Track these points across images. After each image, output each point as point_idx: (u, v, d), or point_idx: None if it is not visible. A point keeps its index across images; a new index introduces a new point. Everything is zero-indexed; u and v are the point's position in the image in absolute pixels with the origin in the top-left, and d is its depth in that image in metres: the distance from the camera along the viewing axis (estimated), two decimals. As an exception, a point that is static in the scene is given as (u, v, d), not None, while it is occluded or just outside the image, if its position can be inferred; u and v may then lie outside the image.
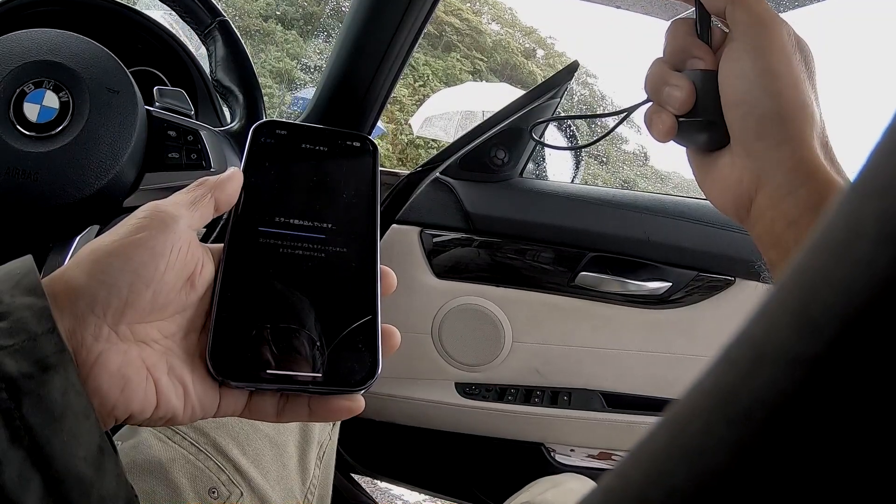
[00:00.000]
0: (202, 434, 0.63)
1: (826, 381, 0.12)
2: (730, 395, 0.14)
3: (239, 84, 0.74)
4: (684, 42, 0.44)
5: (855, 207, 0.14)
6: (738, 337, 0.15)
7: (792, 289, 0.15)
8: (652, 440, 0.16)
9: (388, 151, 5.17)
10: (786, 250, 0.39)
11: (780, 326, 0.14)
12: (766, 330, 0.15)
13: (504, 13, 7.54)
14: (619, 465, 0.17)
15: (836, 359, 0.12)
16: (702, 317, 1.09)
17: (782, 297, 0.15)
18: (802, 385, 0.13)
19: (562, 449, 1.21)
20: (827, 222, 0.15)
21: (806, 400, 0.13)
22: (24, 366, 0.27)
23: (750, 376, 0.14)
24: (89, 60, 0.58)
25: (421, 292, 1.11)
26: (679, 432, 0.15)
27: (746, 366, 0.14)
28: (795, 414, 0.13)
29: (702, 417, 0.15)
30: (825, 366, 0.13)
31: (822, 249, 0.14)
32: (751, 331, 0.15)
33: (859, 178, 0.15)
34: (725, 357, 0.15)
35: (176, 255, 0.35)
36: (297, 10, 5.85)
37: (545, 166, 1.22)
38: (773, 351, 0.14)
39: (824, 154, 0.40)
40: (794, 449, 0.13)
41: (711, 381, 0.15)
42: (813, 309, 0.13)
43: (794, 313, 0.14)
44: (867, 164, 0.15)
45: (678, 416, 0.16)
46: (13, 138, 0.54)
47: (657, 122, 0.44)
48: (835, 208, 0.15)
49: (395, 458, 1.30)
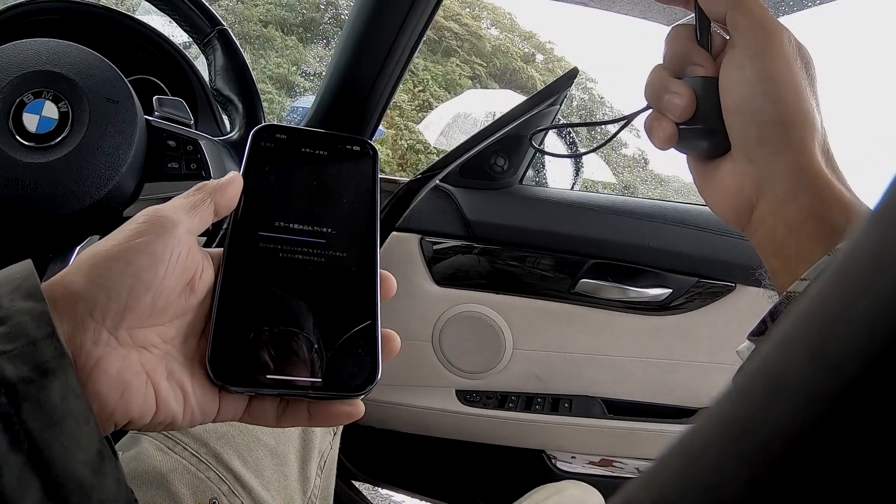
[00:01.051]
0: (203, 444, 0.63)
1: (845, 420, 0.12)
2: (745, 429, 0.14)
3: (238, 93, 0.74)
4: (684, 48, 0.44)
5: (877, 239, 0.14)
6: (755, 369, 0.15)
7: (811, 322, 0.14)
8: (662, 468, 0.16)
9: (388, 157, 5.17)
10: (787, 257, 0.39)
11: (798, 361, 0.14)
12: (783, 363, 0.14)
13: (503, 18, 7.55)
14: (627, 489, 0.17)
15: (855, 397, 0.12)
16: (702, 323, 1.09)
17: (800, 330, 0.14)
18: (820, 423, 0.12)
19: (563, 456, 1.21)
20: (848, 253, 0.14)
21: (823, 438, 0.12)
22: (24, 370, 0.27)
23: (766, 411, 0.14)
24: (88, 70, 0.58)
25: (421, 300, 1.11)
26: (691, 463, 0.15)
27: (763, 400, 0.14)
28: (812, 452, 0.12)
29: (715, 450, 0.14)
30: (844, 404, 0.12)
31: (843, 282, 0.14)
32: (768, 363, 0.15)
33: (881, 206, 0.14)
34: (741, 389, 0.15)
35: (175, 260, 0.35)
36: (296, 16, 5.86)
37: (545, 173, 1.22)
38: (791, 386, 0.14)
39: (825, 161, 0.40)
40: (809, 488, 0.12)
41: (727, 412, 0.15)
42: (833, 345, 0.13)
43: (813, 348, 0.14)
44: (889, 192, 0.14)
45: (691, 446, 0.15)
46: (12, 148, 0.54)
47: (657, 129, 0.44)
48: (856, 238, 0.14)
49: (397, 465, 1.29)
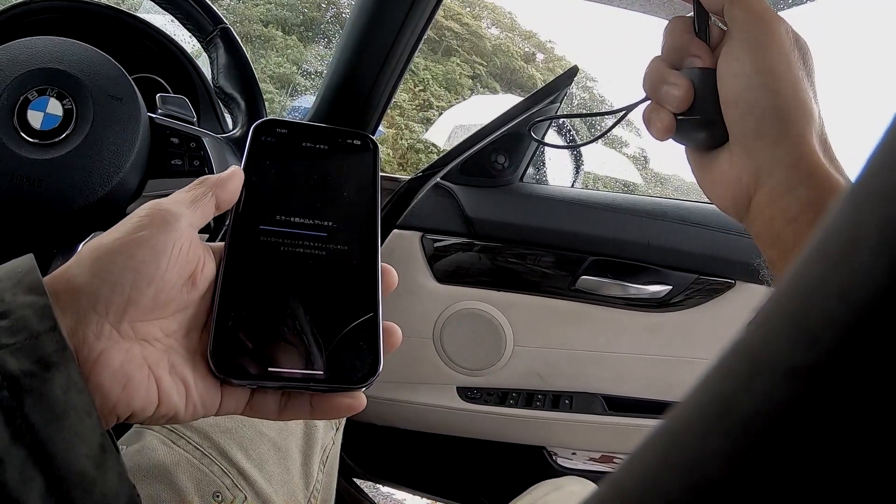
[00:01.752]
0: (206, 438, 0.63)
1: (824, 392, 0.12)
2: (726, 405, 0.14)
3: (241, 91, 0.74)
4: (682, 40, 0.44)
5: (854, 213, 0.14)
6: (735, 346, 0.15)
7: (789, 297, 0.14)
8: (647, 449, 0.16)
9: (389, 156, 5.17)
10: (785, 248, 0.39)
11: (777, 336, 0.14)
12: (763, 339, 0.14)
13: (503, 17, 7.54)
14: (614, 473, 0.17)
15: (834, 369, 0.12)
16: (702, 319, 1.09)
17: (779, 305, 0.14)
18: (800, 396, 0.13)
19: (563, 452, 1.21)
20: (825, 228, 0.14)
21: (803, 411, 0.12)
22: (26, 364, 0.27)
23: (747, 387, 0.14)
24: (92, 68, 0.58)
25: (422, 297, 1.11)
26: (675, 442, 0.15)
27: (743, 376, 0.14)
28: (793, 425, 0.12)
29: (698, 428, 0.14)
30: (823, 376, 0.12)
31: (820, 256, 0.14)
32: (748, 340, 0.15)
33: (859, 181, 0.14)
34: (721, 366, 0.15)
35: (177, 254, 0.35)
36: (297, 15, 5.85)
37: (545, 171, 1.22)
38: (770, 361, 0.14)
39: (823, 152, 0.40)
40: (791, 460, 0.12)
41: (708, 391, 0.15)
42: (810, 318, 0.13)
43: (791, 323, 0.14)
44: (867, 168, 0.14)
45: (674, 426, 0.15)
46: (17, 145, 0.55)
47: (655, 120, 0.44)
48: (833, 213, 0.14)
49: (398, 462, 1.29)
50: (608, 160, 4.53)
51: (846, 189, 0.15)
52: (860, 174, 0.14)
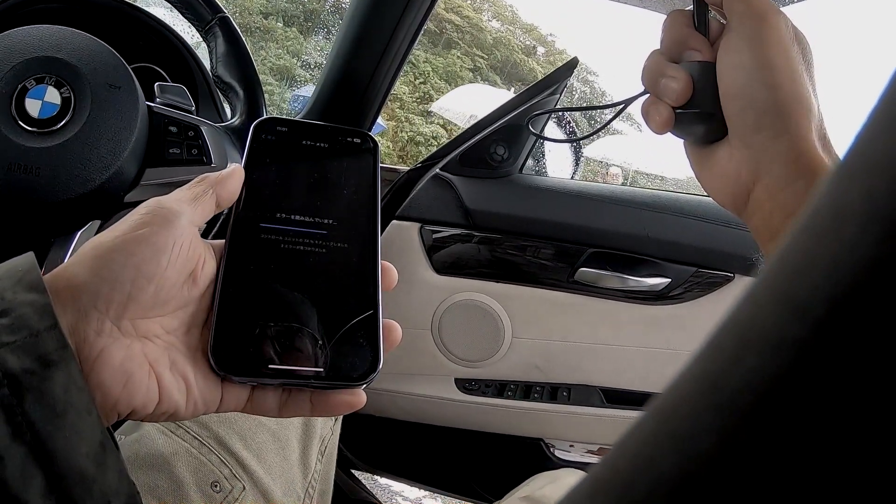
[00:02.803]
0: (205, 428, 0.63)
1: (812, 365, 0.12)
2: (716, 380, 0.14)
3: (239, 80, 0.74)
4: (681, 33, 0.44)
5: (841, 187, 0.14)
6: (724, 322, 0.15)
7: (777, 272, 0.14)
8: (639, 428, 0.16)
9: (389, 149, 5.16)
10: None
11: (765, 310, 0.14)
12: (751, 314, 0.14)
13: (504, 10, 7.52)
14: (607, 454, 0.17)
15: (821, 342, 0.12)
16: (701, 313, 1.09)
17: (768, 281, 0.15)
18: (788, 369, 0.13)
19: (561, 444, 1.21)
20: (813, 204, 0.14)
21: (792, 384, 0.12)
22: (26, 362, 0.27)
23: (735, 362, 0.14)
24: (91, 56, 0.58)
25: (421, 288, 1.11)
26: (666, 419, 0.15)
27: (732, 351, 0.14)
28: (781, 398, 0.12)
29: (688, 404, 0.15)
30: (811, 349, 0.12)
31: (809, 231, 0.14)
32: (736, 316, 0.15)
33: (846, 157, 0.14)
34: (711, 343, 0.15)
35: (178, 251, 0.35)
36: (297, 7, 5.83)
37: (545, 162, 1.22)
38: (759, 335, 0.14)
39: (822, 146, 0.40)
40: (780, 434, 0.12)
41: (698, 368, 0.15)
42: (798, 292, 0.13)
43: (779, 297, 0.14)
44: (854, 144, 0.14)
45: (665, 404, 0.16)
46: (15, 134, 0.55)
47: (654, 113, 0.44)
48: (821, 189, 0.14)
49: (395, 453, 1.30)
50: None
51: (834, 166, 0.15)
52: (848, 150, 0.14)
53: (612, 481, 0.16)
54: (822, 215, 0.14)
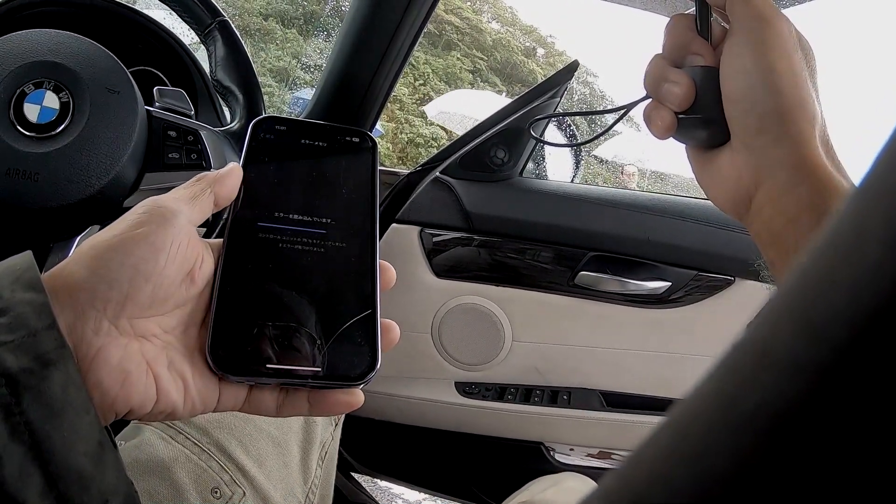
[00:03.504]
0: (205, 434, 0.63)
1: (831, 389, 0.12)
2: (732, 399, 0.14)
3: (239, 84, 0.74)
4: (684, 38, 0.44)
5: (863, 208, 0.14)
6: (742, 341, 0.15)
7: (797, 292, 0.14)
8: (653, 443, 0.16)
9: (388, 150, 5.17)
10: (785, 248, 0.39)
11: (784, 331, 0.14)
12: (769, 334, 0.14)
13: (504, 12, 7.53)
14: (620, 466, 0.17)
15: (841, 366, 0.12)
16: (701, 316, 1.09)
17: (786, 301, 0.14)
18: (806, 392, 0.12)
19: (561, 448, 1.21)
20: (834, 224, 0.14)
21: (810, 407, 0.12)
22: (24, 361, 0.27)
23: (753, 381, 0.14)
24: (89, 61, 0.58)
25: (421, 291, 1.11)
26: (681, 436, 0.15)
27: (749, 371, 0.14)
28: (799, 421, 0.12)
29: (704, 422, 0.14)
30: (830, 373, 0.12)
31: (829, 252, 0.14)
32: (754, 335, 0.15)
33: (867, 178, 0.14)
34: (728, 361, 0.15)
35: (176, 250, 0.35)
36: (296, 8, 5.84)
37: (545, 166, 1.22)
38: (777, 356, 0.13)
39: (825, 151, 0.40)
40: (796, 456, 0.12)
41: (714, 385, 0.15)
42: (818, 314, 0.13)
43: (798, 318, 0.14)
44: (876, 164, 0.14)
45: (680, 420, 0.15)
46: (13, 139, 0.55)
47: (656, 118, 0.44)
48: (842, 209, 0.14)
49: (396, 457, 1.30)
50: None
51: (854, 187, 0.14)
52: (869, 170, 0.14)
53: (624, 494, 0.16)
54: (843, 237, 0.14)
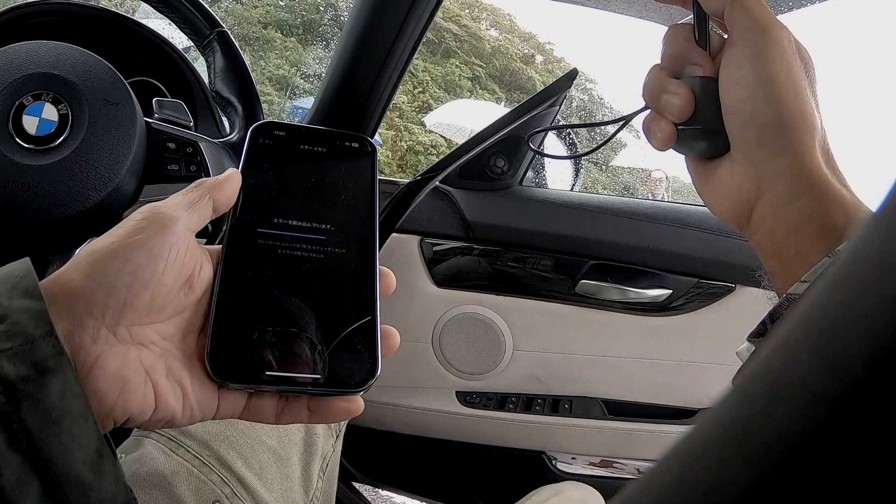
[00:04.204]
0: (206, 446, 0.63)
1: (848, 422, 0.12)
2: (746, 430, 0.14)
3: (238, 95, 0.74)
4: (682, 48, 0.44)
5: (881, 240, 0.13)
6: (756, 370, 0.15)
7: (813, 323, 0.14)
8: (662, 471, 0.16)
9: (388, 158, 5.17)
10: (786, 259, 0.39)
11: (800, 362, 0.14)
12: (785, 365, 0.14)
13: (503, 19, 7.55)
14: (627, 493, 0.16)
15: (859, 399, 0.12)
16: (702, 324, 1.09)
17: (802, 331, 0.14)
18: (823, 425, 0.12)
19: (563, 457, 1.21)
20: (851, 254, 0.14)
21: (826, 440, 0.12)
22: (22, 369, 0.27)
23: (768, 413, 0.14)
24: (88, 72, 0.58)
25: (421, 301, 1.11)
26: (691, 465, 0.15)
27: (764, 402, 0.14)
28: (814, 454, 0.12)
29: (716, 451, 0.14)
30: (847, 405, 0.12)
31: (846, 283, 0.14)
32: (769, 365, 0.15)
33: (885, 207, 0.14)
34: (742, 390, 0.15)
35: (174, 257, 0.35)
36: (296, 17, 5.86)
37: (545, 174, 1.22)
38: (793, 387, 0.13)
39: (825, 161, 0.40)
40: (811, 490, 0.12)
41: (727, 415, 0.15)
42: (835, 346, 0.13)
43: (815, 349, 0.13)
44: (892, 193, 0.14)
45: (691, 448, 0.15)
46: (12, 151, 0.54)
47: (656, 130, 0.44)
48: (859, 240, 0.14)
49: (397, 466, 1.29)
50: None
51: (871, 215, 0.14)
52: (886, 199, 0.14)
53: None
54: (860, 267, 0.14)
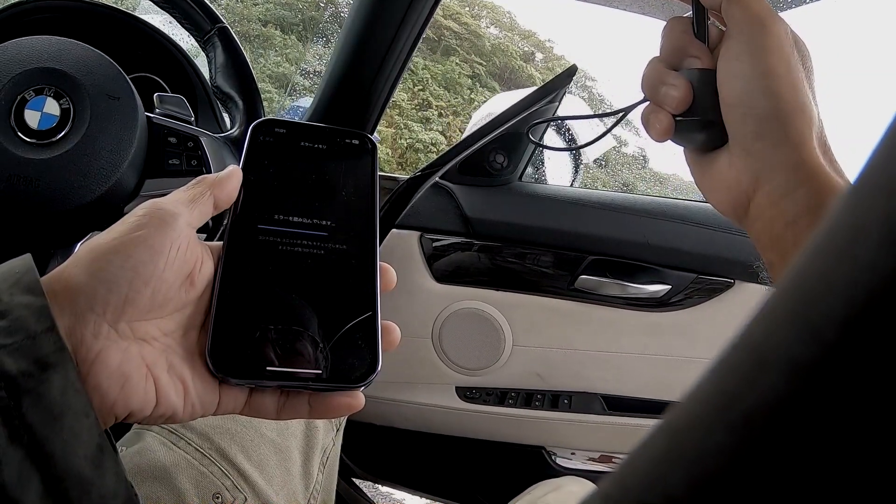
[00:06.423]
0: (207, 439, 0.63)
1: (827, 387, 0.12)
2: (729, 400, 0.14)
3: (239, 90, 0.74)
4: (681, 41, 0.44)
5: (857, 208, 0.14)
6: (737, 341, 0.15)
7: (792, 292, 0.14)
8: (649, 445, 0.16)
9: (388, 155, 5.16)
10: (784, 251, 0.39)
11: (779, 330, 0.14)
12: (765, 334, 0.14)
13: (502, 17, 7.53)
14: (616, 470, 0.17)
15: (836, 364, 0.12)
16: (701, 319, 1.09)
17: (782, 301, 0.14)
18: (803, 390, 0.12)
19: (563, 452, 1.21)
20: (828, 224, 0.14)
21: (806, 405, 0.12)
22: (24, 364, 0.28)
23: (749, 381, 0.14)
24: (90, 67, 0.58)
25: (421, 297, 1.11)
26: (677, 437, 0.15)
27: (745, 371, 0.14)
28: (795, 420, 0.12)
29: (700, 422, 0.14)
30: (826, 371, 0.12)
31: (823, 251, 0.14)
32: (750, 335, 0.15)
33: (861, 177, 0.14)
34: (724, 362, 0.15)
35: (175, 253, 0.35)
36: (296, 14, 5.84)
37: (544, 170, 1.22)
38: (773, 356, 0.13)
39: (823, 153, 0.40)
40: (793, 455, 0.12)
41: (710, 386, 0.15)
42: (813, 313, 0.13)
43: (793, 317, 0.14)
44: (869, 164, 0.14)
45: (676, 421, 0.15)
46: (14, 145, 0.55)
47: (654, 121, 0.44)
48: (836, 209, 0.14)
49: (397, 462, 1.29)
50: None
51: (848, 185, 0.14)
52: (862, 170, 0.14)
53: (622, 498, 0.16)
54: (837, 235, 0.14)
